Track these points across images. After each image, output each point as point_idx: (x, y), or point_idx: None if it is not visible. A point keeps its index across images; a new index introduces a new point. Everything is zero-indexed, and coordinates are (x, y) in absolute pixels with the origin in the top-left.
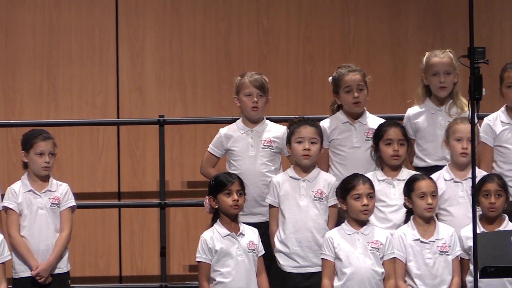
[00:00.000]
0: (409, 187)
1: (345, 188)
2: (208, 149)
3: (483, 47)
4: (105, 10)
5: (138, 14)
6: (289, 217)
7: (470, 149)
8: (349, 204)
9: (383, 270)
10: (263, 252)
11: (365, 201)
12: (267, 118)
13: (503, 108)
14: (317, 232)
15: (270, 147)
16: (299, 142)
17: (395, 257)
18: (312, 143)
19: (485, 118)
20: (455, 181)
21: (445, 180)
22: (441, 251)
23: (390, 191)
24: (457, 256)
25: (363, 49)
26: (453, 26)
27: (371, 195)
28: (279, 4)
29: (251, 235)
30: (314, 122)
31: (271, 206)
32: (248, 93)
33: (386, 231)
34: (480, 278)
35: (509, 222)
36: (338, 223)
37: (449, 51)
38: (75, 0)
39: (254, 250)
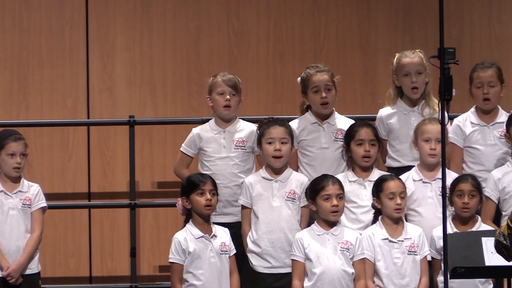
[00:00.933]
0: (378, 188)
1: (315, 189)
2: (181, 149)
3: (453, 48)
4: (75, 11)
5: (108, 15)
6: (262, 217)
7: (438, 150)
8: (318, 205)
9: (353, 270)
10: (235, 251)
11: (335, 202)
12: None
13: (472, 109)
14: (290, 233)
15: (242, 147)
16: (270, 143)
17: (365, 258)
18: (282, 143)
19: (455, 119)
20: (424, 182)
21: (414, 180)
22: (409, 251)
23: (361, 192)
24: (425, 256)
25: (334, 49)
26: (423, 26)
27: (341, 195)
28: (249, 4)
29: (223, 236)
30: (284, 122)
31: (243, 207)
32: (220, 91)
33: (356, 232)
34: (450, 278)
35: (482, 223)
36: (309, 224)
37: (419, 52)
38: (45, 0)
39: (227, 251)
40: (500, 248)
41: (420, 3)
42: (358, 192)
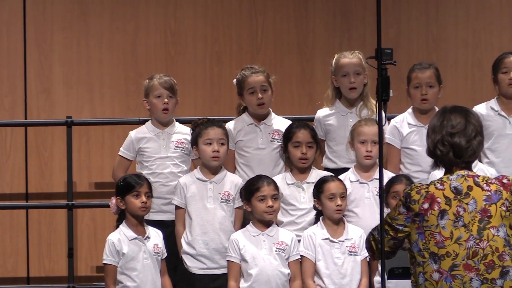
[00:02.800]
0: (319, 189)
1: (250, 189)
2: (119, 153)
3: (390, 48)
4: (13, 11)
5: (45, 16)
6: (196, 219)
7: (374, 152)
8: (253, 206)
9: (289, 271)
10: (166, 254)
11: (270, 203)
12: (176, 119)
13: (410, 110)
14: (224, 234)
15: (181, 148)
16: (208, 144)
17: (302, 257)
18: (221, 144)
19: (392, 120)
20: (360, 182)
21: (351, 181)
22: (350, 251)
23: (299, 195)
24: (366, 257)
25: (271, 50)
26: (360, 27)
27: (276, 196)
28: (186, 5)
29: (156, 238)
30: (220, 123)
31: (177, 207)
32: (158, 94)
33: (291, 233)
34: (387, 279)
35: None
36: (243, 225)
37: (358, 53)
38: None
39: (159, 253)
40: (370, 241)
41: (357, 4)
42: (296, 195)
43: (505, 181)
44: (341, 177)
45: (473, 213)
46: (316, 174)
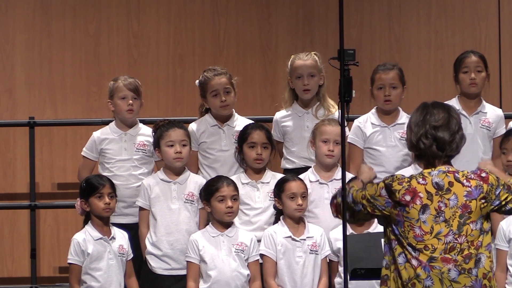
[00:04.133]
0: (280, 188)
1: (209, 190)
2: (83, 153)
3: (353, 49)
4: None
5: (7, 16)
6: (160, 219)
7: (336, 151)
8: (213, 206)
9: (248, 272)
10: (132, 255)
11: (229, 203)
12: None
13: (373, 110)
14: (188, 235)
15: (143, 151)
16: (170, 146)
17: (263, 256)
18: (183, 145)
19: (355, 120)
20: (320, 183)
21: (311, 181)
22: (311, 250)
23: (254, 194)
24: (326, 257)
25: (234, 52)
26: (323, 28)
27: (235, 197)
28: (149, 7)
29: (121, 238)
30: (181, 124)
31: (141, 209)
32: (122, 96)
33: (251, 233)
34: (350, 280)
35: (378, 224)
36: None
37: (315, 54)
38: None
39: (124, 254)
40: (335, 197)
41: (320, 5)
42: (251, 194)
43: (483, 174)
44: (300, 177)
45: (454, 208)
46: (271, 175)
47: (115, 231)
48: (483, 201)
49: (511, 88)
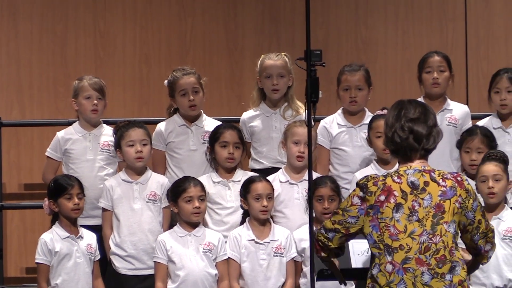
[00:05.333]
0: (246, 189)
1: (176, 191)
2: (47, 154)
3: (319, 50)
4: None
5: None
6: (123, 220)
7: (307, 153)
8: (180, 207)
9: (216, 271)
10: (99, 256)
11: (197, 204)
12: (104, 121)
13: (339, 111)
14: (152, 235)
15: (107, 151)
16: (131, 146)
17: (229, 258)
18: (143, 144)
19: (321, 121)
20: (290, 183)
21: (281, 182)
22: (275, 253)
23: (226, 193)
24: (292, 259)
25: (200, 51)
26: (290, 28)
27: (202, 197)
28: (115, 7)
29: (89, 238)
30: (141, 124)
31: (104, 210)
32: (87, 96)
33: (218, 233)
34: (316, 280)
35: None
36: (171, 225)
37: (284, 55)
38: None
39: (92, 253)
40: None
41: (286, 6)
42: (223, 193)
43: (459, 178)
44: (270, 177)
45: (427, 208)
46: (241, 173)
47: (83, 231)
48: (457, 205)
49: (477, 89)
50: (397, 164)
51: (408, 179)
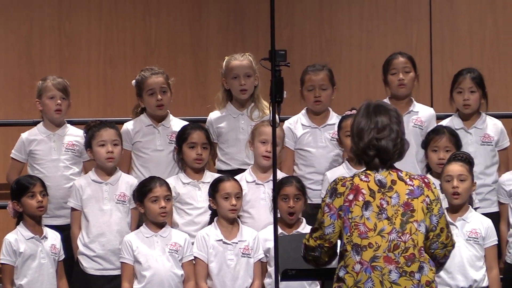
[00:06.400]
0: (214, 188)
1: (142, 191)
2: (11, 155)
3: (284, 50)
4: None
5: None
6: (92, 220)
7: None
8: (146, 207)
9: (182, 272)
10: (64, 256)
11: (163, 204)
12: (68, 121)
13: (303, 111)
14: (120, 236)
15: (72, 151)
16: (102, 145)
17: (196, 258)
18: (114, 145)
19: (285, 122)
20: (257, 183)
21: (247, 182)
22: (243, 253)
23: (196, 194)
24: (259, 260)
25: (165, 52)
26: (254, 29)
27: (168, 197)
28: (80, 7)
29: (53, 238)
30: (113, 124)
31: (73, 209)
32: (51, 95)
33: (185, 234)
34: (280, 280)
35: (307, 225)
36: (139, 226)
37: (249, 55)
38: None
39: (56, 253)
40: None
41: (251, 6)
42: (193, 193)
43: (426, 180)
44: (237, 177)
45: (396, 206)
46: (210, 175)
47: (47, 231)
48: (425, 205)
49: (442, 89)
50: None
51: (376, 178)
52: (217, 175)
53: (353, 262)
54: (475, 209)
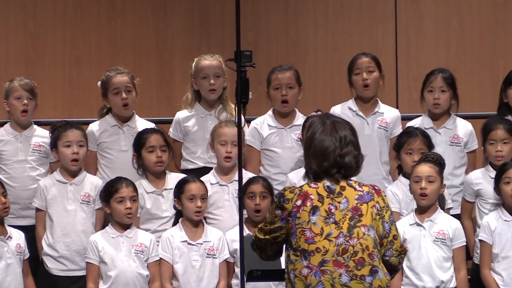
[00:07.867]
0: (179, 189)
1: (109, 191)
2: None
3: (249, 50)
4: None
5: None
6: (57, 221)
7: (234, 153)
8: (112, 208)
9: (148, 272)
10: (28, 255)
11: (129, 204)
12: (34, 122)
13: (270, 112)
14: (85, 236)
15: (39, 152)
16: (68, 146)
17: (161, 259)
18: (80, 146)
19: (252, 122)
20: (220, 184)
21: (211, 184)
22: (208, 254)
23: (160, 203)
24: (225, 260)
25: (130, 52)
26: (219, 30)
27: (134, 198)
28: (46, 7)
29: (18, 238)
30: (79, 125)
31: (38, 210)
32: (18, 96)
33: (150, 234)
34: (246, 281)
35: None
36: (103, 226)
37: (218, 56)
38: None
39: (21, 252)
40: (254, 247)
41: (216, 7)
42: (157, 203)
43: (377, 188)
44: (202, 178)
45: (344, 211)
46: (172, 178)
47: (11, 230)
48: (374, 210)
49: (408, 90)
50: None
51: (325, 184)
52: (180, 175)
53: (301, 266)
54: (449, 209)
